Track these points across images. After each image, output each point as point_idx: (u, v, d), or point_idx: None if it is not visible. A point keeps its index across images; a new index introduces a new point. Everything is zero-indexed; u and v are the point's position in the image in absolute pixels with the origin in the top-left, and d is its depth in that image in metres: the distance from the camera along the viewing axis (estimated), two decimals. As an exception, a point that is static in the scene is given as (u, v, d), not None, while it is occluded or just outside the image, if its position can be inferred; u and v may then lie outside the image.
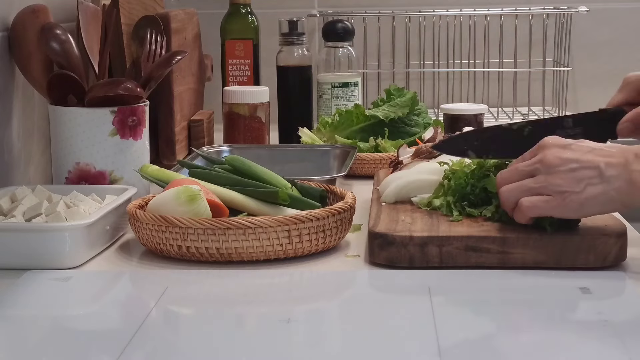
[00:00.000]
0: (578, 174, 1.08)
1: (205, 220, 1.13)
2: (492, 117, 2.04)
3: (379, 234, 1.14)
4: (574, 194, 1.08)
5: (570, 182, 1.08)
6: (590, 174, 1.08)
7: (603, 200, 1.07)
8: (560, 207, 1.09)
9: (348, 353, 0.91)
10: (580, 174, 1.08)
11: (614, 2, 2.17)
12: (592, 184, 1.08)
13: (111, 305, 1.06)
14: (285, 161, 1.59)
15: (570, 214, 1.10)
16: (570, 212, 1.09)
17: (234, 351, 0.90)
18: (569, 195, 1.08)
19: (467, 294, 1.07)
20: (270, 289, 1.11)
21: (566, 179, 1.08)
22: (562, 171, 1.09)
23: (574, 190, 1.08)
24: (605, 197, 1.07)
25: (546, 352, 0.90)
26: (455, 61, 2.14)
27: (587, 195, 1.08)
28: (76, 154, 1.35)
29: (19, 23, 1.37)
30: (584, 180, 1.08)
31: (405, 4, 2.15)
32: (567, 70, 2.05)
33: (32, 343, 0.94)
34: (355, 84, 1.85)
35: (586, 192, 1.08)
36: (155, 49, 1.50)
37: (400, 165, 1.36)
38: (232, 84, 1.87)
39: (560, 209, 1.09)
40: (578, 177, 1.08)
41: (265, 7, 2.10)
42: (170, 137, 1.67)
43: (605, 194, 1.07)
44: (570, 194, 1.08)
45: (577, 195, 1.08)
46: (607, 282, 1.08)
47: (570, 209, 1.09)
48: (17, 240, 1.13)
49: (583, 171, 1.08)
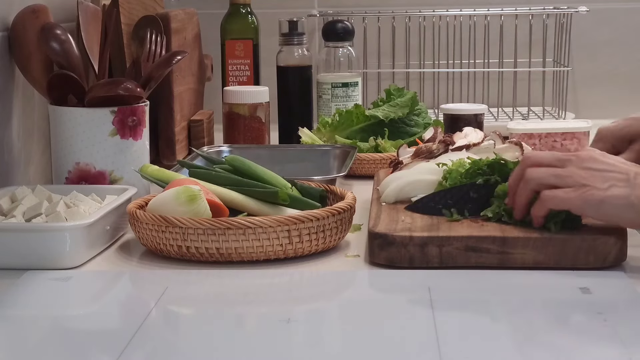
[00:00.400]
0: (606, 175, 1.10)
1: (205, 220, 1.13)
2: (492, 117, 2.03)
3: (379, 234, 1.14)
4: (596, 190, 1.09)
5: (596, 179, 1.09)
6: (619, 177, 1.09)
7: (623, 203, 1.08)
8: (580, 199, 1.09)
9: (348, 353, 0.91)
10: (609, 175, 1.10)
11: (614, 2, 2.16)
12: (617, 186, 1.09)
13: (111, 305, 1.06)
14: (285, 161, 1.59)
15: (588, 210, 1.10)
16: (588, 207, 1.09)
17: (234, 351, 0.90)
18: (591, 189, 1.09)
19: (467, 294, 1.07)
20: (270, 289, 1.11)
21: (594, 175, 1.10)
22: (593, 168, 1.10)
23: (597, 187, 1.09)
24: (626, 202, 1.08)
25: (546, 352, 0.90)
26: (455, 61, 2.14)
27: (610, 195, 1.08)
28: (76, 154, 1.35)
29: (19, 23, 1.37)
30: (610, 180, 1.09)
31: (405, 4, 2.15)
32: (567, 70, 2.05)
33: (32, 343, 0.94)
34: (355, 84, 1.85)
35: (609, 192, 1.09)
36: (155, 49, 1.50)
37: (400, 165, 1.36)
38: (232, 84, 1.87)
39: (580, 202, 1.09)
40: (606, 177, 1.09)
41: (265, 7, 2.10)
42: (170, 137, 1.67)
43: (626, 198, 1.08)
44: (593, 189, 1.09)
45: (600, 192, 1.09)
46: (607, 282, 1.08)
47: (590, 204, 1.09)
48: (17, 240, 1.13)
49: (612, 174, 1.10)
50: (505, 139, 1.38)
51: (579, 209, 1.10)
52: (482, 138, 1.37)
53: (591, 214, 1.11)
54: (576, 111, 2.16)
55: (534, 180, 1.13)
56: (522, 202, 1.14)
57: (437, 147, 1.35)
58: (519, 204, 1.15)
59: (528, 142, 1.51)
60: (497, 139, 1.35)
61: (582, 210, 1.11)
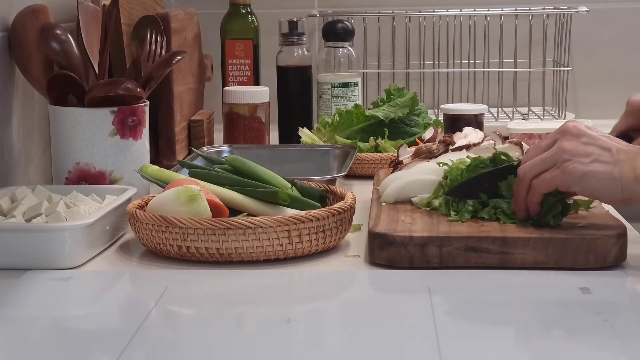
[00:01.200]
0: (589, 148, 1.10)
1: (205, 220, 1.13)
2: (492, 117, 2.03)
3: (379, 234, 1.14)
4: (578, 163, 1.10)
5: (579, 152, 1.10)
6: (601, 152, 1.10)
7: (605, 177, 1.09)
8: (563, 174, 1.10)
9: (348, 353, 0.91)
10: (591, 149, 1.10)
11: (614, 2, 2.16)
12: (600, 161, 1.10)
13: (111, 305, 1.06)
14: (285, 161, 1.59)
15: (573, 184, 1.10)
16: (572, 180, 1.10)
17: (234, 351, 0.90)
18: (573, 163, 1.10)
19: (467, 294, 1.07)
20: (270, 289, 1.11)
21: (577, 147, 1.11)
22: (575, 141, 1.11)
23: (580, 160, 1.10)
24: (608, 176, 1.09)
25: (546, 352, 0.90)
26: (455, 61, 2.14)
27: (592, 169, 1.09)
28: (76, 154, 1.35)
29: (19, 23, 1.37)
30: (592, 154, 1.10)
31: (405, 4, 2.15)
32: (567, 70, 2.05)
33: (32, 343, 0.94)
34: (355, 84, 1.85)
35: (591, 166, 1.10)
36: (155, 49, 1.50)
37: (400, 165, 1.36)
38: (232, 84, 1.87)
39: (563, 177, 1.10)
40: (588, 151, 1.10)
41: (265, 7, 2.10)
42: (170, 137, 1.67)
43: (609, 172, 1.09)
44: (575, 162, 1.10)
45: (582, 165, 1.10)
46: (607, 282, 1.08)
47: (573, 177, 1.10)
48: (17, 240, 1.13)
49: (595, 148, 1.10)
50: (505, 139, 1.38)
51: (565, 185, 1.11)
52: (482, 138, 1.37)
53: (576, 189, 1.12)
54: (576, 111, 2.15)
55: (525, 175, 1.14)
56: (522, 202, 1.15)
57: (437, 147, 1.35)
58: (521, 206, 1.15)
59: (528, 142, 1.51)
60: (497, 139, 1.35)
61: (568, 185, 1.11)
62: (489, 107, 1.99)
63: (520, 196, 1.15)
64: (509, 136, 1.53)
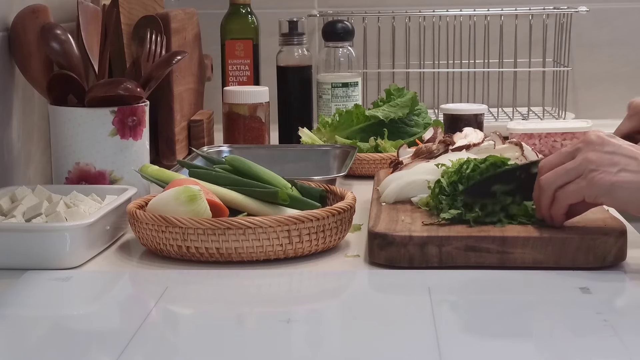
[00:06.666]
0: (615, 158, 1.08)
1: (205, 220, 1.13)
2: (492, 117, 2.03)
3: (379, 234, 1.14)
4: (605, 174, 1.07)
5: (605, 162, 1.08)
6: (627, 161, 1.08)
7: (634, 188, 1.07)
8: (590, 185, 1.08)
9: (348, 353, 0.91)
10: (617, 158, 1.08)
11: (614, 2, 2.16)
12: (627, 170, 1.07)
13: (111, 305, 1.06)
14: (285, 161, 1.59)
15: (600, 195, 1.08)
16: (599, 191, 1.08)
17: (234, 351, 0.91)
18: (600, 174, 1.07)
19: (467, 294, 1.07)
20: (270, 289, 1.11)
21: (602, 158, 1.08)
22: (601, 151, 1.09)
23: (607, 170, 1.08)
24: (636, 186, 1.07)
25: (546, 352, 0.90)
26: (455, 61, 2.14)
27: (619, 179, 1.07)
28: (76, 154, 1.35)
29: (19, 23, 1.37)
30: (619, 164, 1.08)
31: (405, 4, 2.15)
32: (567, 70, 2.05)
33: (32, 343, 0.94)
34: (355, 84, 1.85)
35: (619, 176, 1.07)
36: (155, 49, 1.50)
37: (400, 165, 1.36)
38: (232, 84, 1.87)
39: (590, 189, 1.08)
40: (614, 161, 1.08)
41: (265, 7, 2.10)
42: (170, 137, 1.67)
43: (637, 182, 1.07)
44: (602, 172, 1.07)
45: (610, 175, 1.07)
46: (607, 282, 1.08)
47: (600, 188, 1.07)
48: (17, 240, 1.13)
49: (620, 157, 1.08)
50: (505, 139, 1.38)
51: (592, 196, 1.09)
52: (482, 138, 1.37)
53: (603, 200, 1.09)
54: (576, 111, 2.15)
55: (548, 186, 1.12)
56: (546, 212, 1.13)
57: (437, 147, 1.35)
58: (545, 215, 1.14)
59: (528, 142, 1.51)
60: (497, 139, 1.35)
61: (595, 197, 1.09)
62: (489, 107, 1.99)
63: (544, 206, 1.13)
64: (509, 136, 1.53)
